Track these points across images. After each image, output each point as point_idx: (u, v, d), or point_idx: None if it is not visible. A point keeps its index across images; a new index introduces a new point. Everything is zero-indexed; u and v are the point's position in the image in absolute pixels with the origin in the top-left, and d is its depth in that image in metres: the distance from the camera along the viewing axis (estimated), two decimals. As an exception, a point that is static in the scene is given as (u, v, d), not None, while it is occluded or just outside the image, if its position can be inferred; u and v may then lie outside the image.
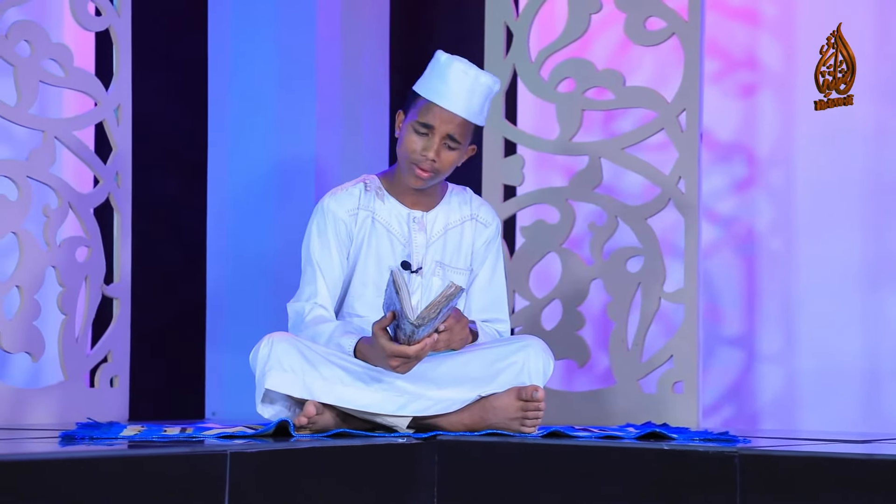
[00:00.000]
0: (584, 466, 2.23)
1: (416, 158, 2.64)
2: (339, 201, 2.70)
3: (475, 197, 2.82)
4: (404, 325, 2.41)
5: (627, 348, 3.35)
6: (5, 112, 3.07)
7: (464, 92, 2.64)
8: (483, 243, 2.75)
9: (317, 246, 2.69)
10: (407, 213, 2.71)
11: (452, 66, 2.65)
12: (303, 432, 2.42)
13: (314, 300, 2.66)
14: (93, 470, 1.76)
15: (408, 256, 2.67)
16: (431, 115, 2.63)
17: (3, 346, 3.03)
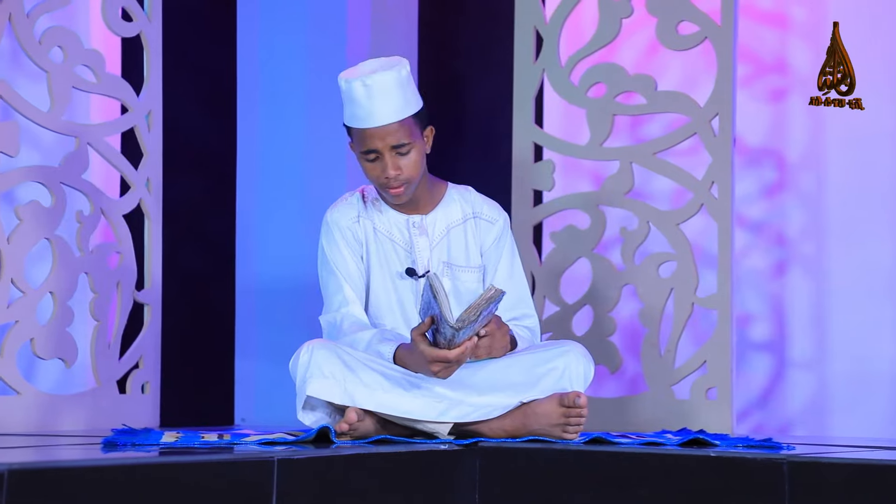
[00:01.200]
0: (628, 473, 2.22)
1: (382, 183, 2.61)
2: (341, 212, 2.70)
3: (477, 194, 2.76)
4: (444, 329, 2.40)
5: (660, 354, 3.34)
6: (38, 118, 3.07)
7: (377, 101, 2.57)
8: (493, 241, 2.71)
9: (332, 257, 2.67)
10: (406, 219, 2.68)
11: (353, 86, 2.59)
12: (343, 439, 2.42)
13: (345, 308, 2.65)
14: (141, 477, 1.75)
15: (412, 262, 2.66)
16: (368, 140, 2.58)
17: (37, 351, 3.03)
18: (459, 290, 2.65)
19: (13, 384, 2.97)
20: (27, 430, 2.95)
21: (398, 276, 2.62)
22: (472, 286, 2.65)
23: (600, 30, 3.45)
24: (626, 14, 3.44)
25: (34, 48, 3.05)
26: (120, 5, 3.26)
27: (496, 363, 2.54)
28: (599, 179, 3.57)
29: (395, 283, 2.63)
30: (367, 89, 2.57)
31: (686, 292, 3.33)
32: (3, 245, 2.96)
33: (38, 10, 3.07)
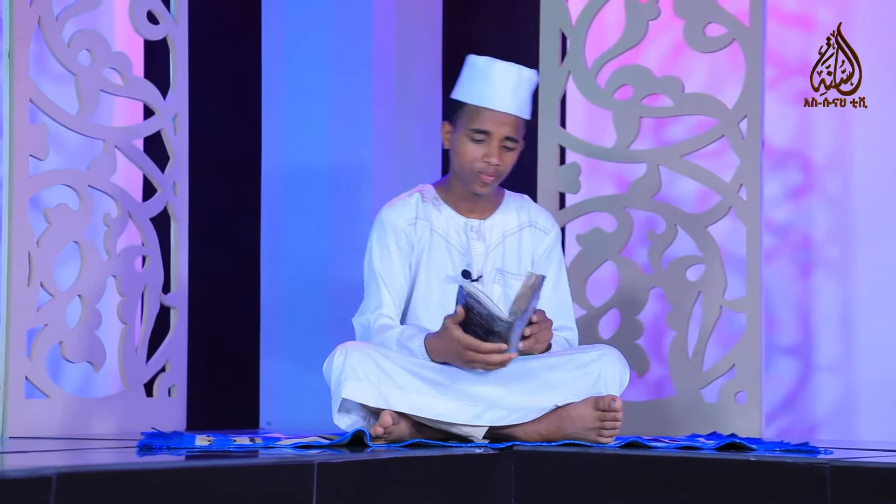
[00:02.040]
0: (664, 478, 2.20)
1: (480, 167, 2.62)
2: (397, 212, 2.70)
3: (533, 204, 2.80)
4: (498, 325, 2.41)
5: (688, 358, 3.32)
6: (67, 121, 3.07)
7: (510, 90, 2.63)
8: (544, 251, 2.74)
9: (378, 258, 2.68)
10: (464, 222, 2.69)
11: (494, 66, 2.64)
12: (378, 442, 2.41)
13: (379, 311, 2.65)
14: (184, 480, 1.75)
15: (468, 265, 2.66)
16: (485, 120, 2.62)
17: (66, 355, 3.03)
18: (509, 297, 2.64)
19: (43, 387, 2.96)
20: (56, 433, 2.95)
21: (449, 278, 2.62)
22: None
23: (627, 32, 3.44)
24: (654, 16, 3.43)
25: (63, 51, 3.05)
26: (147, 8, 3.25)
27: (532, 367, 2.53)
28: (621, 182, 3.56)
29: (444, 286, 2.62)
30: (507, 73, 2.63)
31: (714, 295, 3.31)
32: (33, 248, 2.96)
33: (66, 12, 3.06)
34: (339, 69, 3.63)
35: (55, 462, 1.64)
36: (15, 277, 2.90)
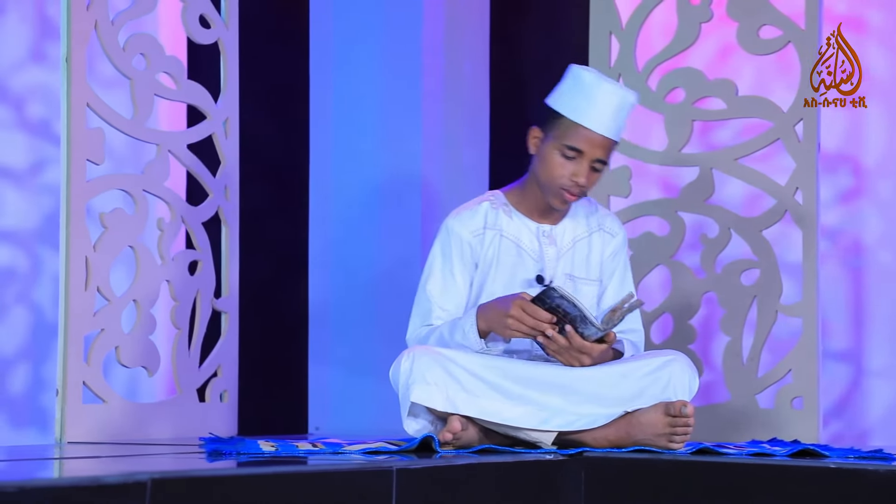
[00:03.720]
0: (738, 484, 2.18)
1: (566, 184, 2.61)
2: (463, 222, 2.67)
3: (600, 207, 2.79)
4: (588, 330, 2.43)
5: (743, 363, 3.30)
6: (122, 125, 3.06)
7: (612, 113, 2.61)
8: (611, 254, 2.73)
9: (439, 270, 2.66)
10: (536, 228, 2.68)
11: (601, 87, 2.61)
12: (447, 448, 2.39)
13: (428, 323, 2.65)
14: (267, 486, 1.74)
15: (541, 271, 2.64)
16: (580, 139, 2.59)
17: (122, 360, 3.02)
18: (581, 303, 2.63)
19: (100, 392, 2.95)
20: (113, 438, 2.94)
21: (522, 283, 2.60)
22: (591, 300, 2.65)
23: (679, 34, 3.42)
24: (706, 18, 3.40)
25: (118, 55, 3.04)
26: (199, 12, 3.24)
27: (600, 372, 2.52)
28: (666, 185, 3.54)
29: (520, 290, 2.60)
30: (612, 97, 2.60)
31: (770, 300, 3.29)
32: (90, 253, 2.96)
33: (122, 17, 3.06)
34: (388, 72, 3.61)
35: (152, 467, 1.63)
36: (73, 282, 2.89)
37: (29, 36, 3.39)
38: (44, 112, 3.40)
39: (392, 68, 3.60)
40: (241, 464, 1.96)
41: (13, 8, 3.37)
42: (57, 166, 3.39)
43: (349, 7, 3.64)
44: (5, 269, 3.35)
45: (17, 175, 3.38)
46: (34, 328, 3.38)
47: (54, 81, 3.40)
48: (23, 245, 3.38)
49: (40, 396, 3.37)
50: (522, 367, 2.52)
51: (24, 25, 3.38)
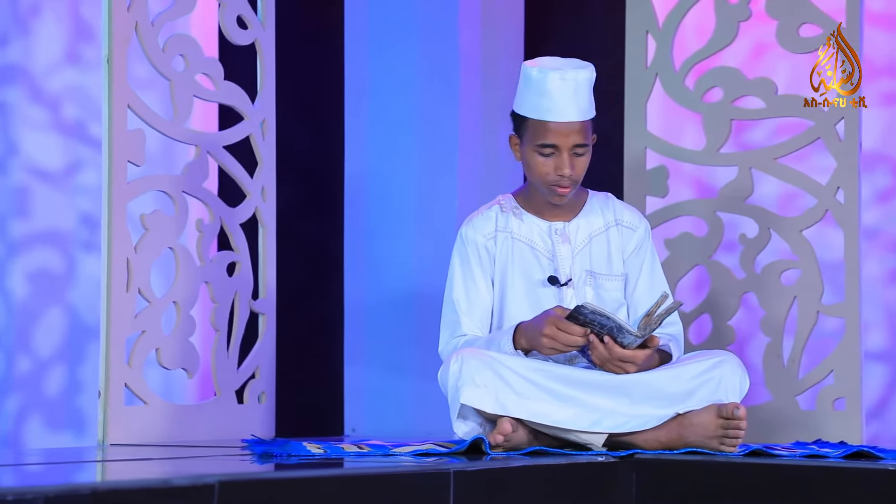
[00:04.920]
0: (791, 487, 2.16)
1: (553, 180, 2.59)
2: (476, 227, 2.67)
3: (617, 201, 2.75)
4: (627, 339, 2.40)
5: (783, 364, 3.28)
6: (162, 126, 3.06)
7: (570, 97, 2.56)
8: (633, 248, 2.69)
9: (460, 280, 2.66)
10: (548, 227, 2.66)
11: (549, 77, 2.55)
12: (497, 450, 2.38)
13: (459, 334, 2.64)
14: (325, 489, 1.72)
15: (554, 270, 2.63)
16: (550, 134, 2.56)
17: (162, 361, 3.01)
18: (603, 299, 2.61)
19: (141, 394, 2.95)
20: (153, 440, 2.93)
21: (540, 284, 2.58)
22: (616, 295, 2.63)
23: (717, 33, 3.39)
24: (745, 17, 3.38)
25: (158, 56, 3.04)
26: (236, 13, 3.24)
27: (650, 373, 2.50)
28: (700, 185, 3.51)
29: (537, 291, 2.59)
30: (564, 83, 2.55)
31: (811, 300, 3.26)
32: (131, 254, 2.95)
33: (161, 18, 3.05)
34: (424, 72, 3.59)
35: (219, 470, 1.62)
36: (115, 284, 2.89)
37: (64, 37, 3.39)
38: (79, 113, 3.40)
39: (429, 68, 3.59)
40: (301, 466, 1.95)
41: (49, 9, 3.37)
42: (92, 168, 3.39)
43: (384, 7, 3.63)
44: (41, 270, 3.35)
45: (53, 176, 3.38)
46: (70, 330, 3.38)
47: (89, 83, 3.40)
48: (58, 246, 3.38)
49: (77, 398, 3.37)
50: (571, 370, 2.51)
51: (60, 27, 3.38)
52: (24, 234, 3.32)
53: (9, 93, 3.30)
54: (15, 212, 3.31)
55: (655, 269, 2.70)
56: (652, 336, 2.48)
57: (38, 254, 3.35)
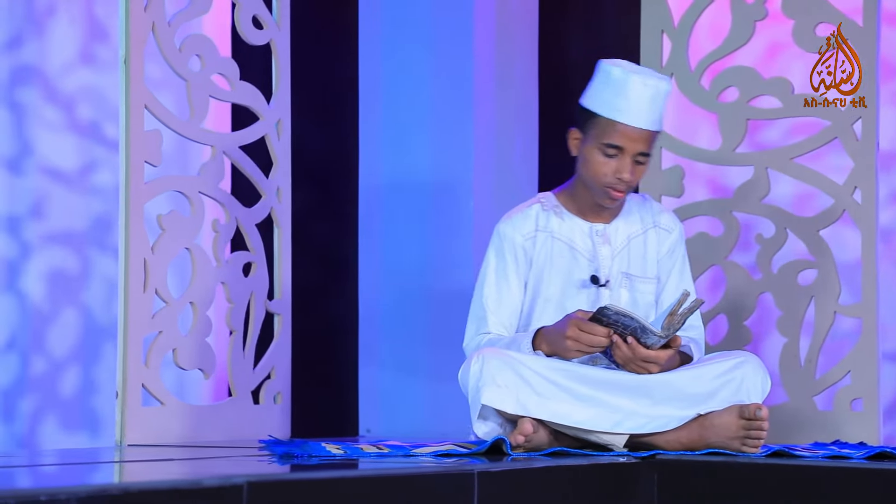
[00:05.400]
0: (814, 488, 2.15)
1: (610, 182, 2.59)
2: (515, 225, 2.65)
3: (654, 203, 2.76)
4: (650, 340, 2.40)
5: (800, 364, 3.27)
6: (179, 127, 3.05)
7: (646, 104, 2.58)
8: (667, 250, 2.70)
9: (493, 277, 2.64)
10: (589, 227, 2.66)
11: (631, 80, 2.58)
12: (518, 451, 2.37)
13: (484, 331, 2.63)
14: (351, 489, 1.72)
15: (595, 271, 2.62)
16: (618, 136, 2.57)
17: (179, 362, 3.01)
18: (637, 302, 2.61)
19: (158, 395, 2.94)
20: (169, 440, 2.93)
21: (578, 284, 2.58)
22: (649, 298, 2.63)
23: (733, 32, 3.39)
24: (761, 16, 3.37)
25: (175, 56, 3.03)
26: (252, 13, 3.23)
27: (671, 374, 2.49)
28: (714, 185, 3.50)
29: (572, 292, 2.59)
30: (644, 89, 2.57)
31: (828, 301, 3.25)
32: (148, 255, 2.95)
33: (178, 18, 3.05)
34: (438, 71, 3.59)
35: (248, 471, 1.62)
36: (132, 284, 2.88)
37: (79, 38, 3.38)
38: (94, 114, 3.40)
39: (443, 68, 3.58)
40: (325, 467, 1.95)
41: (63, 10, 3.37)
42: (106, 168, 3.39)
43: (398, 7, 3.62)
44: (56, 271, 3.34)
45: (67, 177, 3.37)
46: (84, 330, 3.38)
47: (104, 83, 3.40)
48: (73, 247, 3.37)
49: (91, 399, 3.37)
50: (592, 370, 2.51)
51: (74, 27, 3.38)
52: (39, 234, 3.32)
53: (24, 93, 3.30)
54: (30, 212, 3.31)
55: (685, 273, 2.71)
56: (675, 336, 2.47)
57: (53, 254, 3.34)
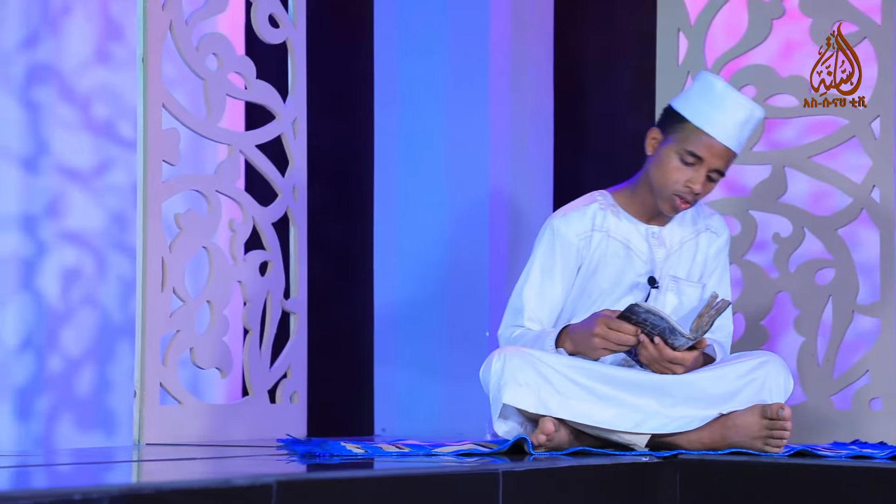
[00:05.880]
0: (838, 488, 2.14)
1: (680, 190, 2.57)
2: (570, 223, 2.63)
3: (706, 207, 2.77)
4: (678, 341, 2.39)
5: (818, 363, 3.26)
6: (196, 125, 3.05)
7: (738, 125, 2.58)
8: (714, 253, 2.71)
9: (538, 271, 2.62)
10: (645, 229, 2.65)
11: (731, 97, 2.58)
12: (540, 450, 2.36)
13: (518, 324, 2.62)
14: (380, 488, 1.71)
15: (650, 272, 2.62)
16: (703, 147, 2.56)
17: (196, 361, 3.01)
18: (684, 305, 2.62)
19: (176, 394, 2.94)
20: (187, 439, 2.92)
21: (631, 285, 2.58)
22: (695, 302, 2.63)
23: (750, 30, 3.38)
24: (778, 14, 3.36)
25: (192, 55, 3.03)
26: (268, 11, 3.23)
27: (693, 374, 2.48)
28: (729, 184, 3.49)
29: (624, 291, 2.59)
30: (741, 109, 2.58)
31: (846, 300, 3.24)
32: (166, 254, 2.94)
33: (195, 17, 3.04)
34: (453, 71, 3.57)
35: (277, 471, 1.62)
36: (150, 283, 2.88)
37: (94, 36, 3.38)
38: (109, 112, 3.39)
39: (458, 69, 3.56)
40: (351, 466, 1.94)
41: (79, 8, 3.36)
42: (121, 167, 3.38)
43: (413, 6, 3.61)
44: (71, 270, 3.34)
45: (83, 176, 3.37)
46: (100, 329, 3.37)
47: (119, 82, 3.40)
48: (88, 246, 3.37)
49: (106, 397, 3.36)
50: (613, 369, 2.50)
51: (90, 26, 3.37)
52: (55, 233, 3.32)
53: (40, 92, 3.30)
54: (46, 211, 3.31)
55: (724, 277, 2.71)
56: (702, 339, 2.46)
57: (69, 253, 3.34)
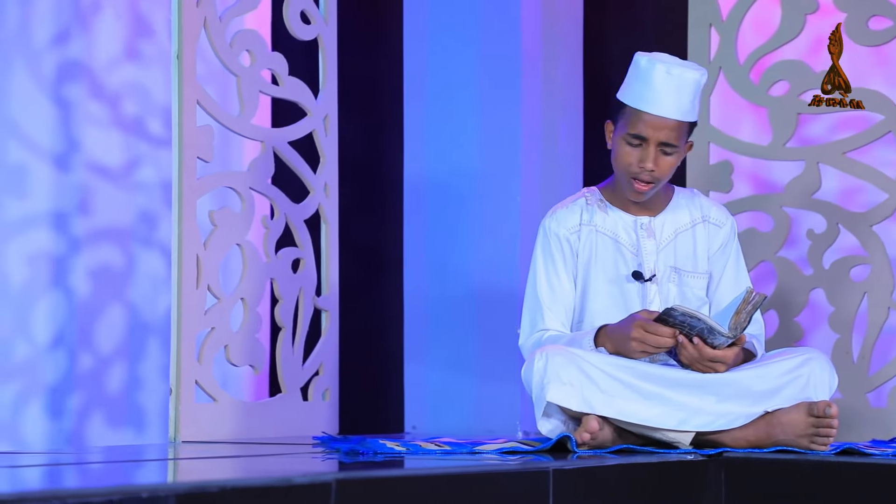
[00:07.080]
0: (886, 486, 2.12)
1: (634, 171, 2.56)
2: (560, 220, 2.64)
3: (704, 197, 2.74)
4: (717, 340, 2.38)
5: (853, 361, 3.24)
6: (230, 122, 3.04)
7: (671, 93, 2.54)
8: (719, 245, 2.67)
9: (543, 273, 2.62)
10: (633, 221, 2.63)
11: (655, 68, 2.55)
12: (584, 448, 2.35)
13: (541, 328, 2.61)
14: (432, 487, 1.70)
15: (638, 266, 2.60)
16: (642, 125, 2.54)
17: (231, 358, 3.00)
18: (687, 296, 2.58)
19: (211, 391, 2.93)
20: (222, 436, 2.92)
21: (624, 279, 2.55)
22: (699, 293, 2.60)
23: (783, 26, 3.35)
24: (812, 10, 3.34)
25: (225, 52, 3.02)
26: (300, 8, 3.22)
27: (737, 371, 2.47)
28: (756, 180, 3.47)
29: (619, 286, 2.56)
30: (668, 77, 2.54)
31: (882, 296, 3.22)
32: (201, 251, 2.94)
33: (229, 13, 3.03)
34: (484, 69, 3.56)
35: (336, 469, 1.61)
36: (185, 281, 2.87)
37: (124, 33, 3.38)
38: (138, 109, 3.39)
39: (489, 66, 3.54)
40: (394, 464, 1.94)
41: (109, 5, 3.36)
42: (151, 164, 3.38)
43: (444, 3, 3.60)
44: (101, 267, 3.34)
45: (112, 173, 3.37)
46: (129, 326, 3.37)
47: (148, 79, 3.39)
48: (118, 243, 3.37)
49: (136, 395, 3.36)
50: (656, 367, 2.49)
51: (119, 23, 3.37)
52: (86, 230, 3.32)
53: (71, 89, 3.29)
54: (77, 208, 3.31)
55: (740, 268, 2.68)
56: (741, 336, 2.45)
57: (100, 250, 3.34)
